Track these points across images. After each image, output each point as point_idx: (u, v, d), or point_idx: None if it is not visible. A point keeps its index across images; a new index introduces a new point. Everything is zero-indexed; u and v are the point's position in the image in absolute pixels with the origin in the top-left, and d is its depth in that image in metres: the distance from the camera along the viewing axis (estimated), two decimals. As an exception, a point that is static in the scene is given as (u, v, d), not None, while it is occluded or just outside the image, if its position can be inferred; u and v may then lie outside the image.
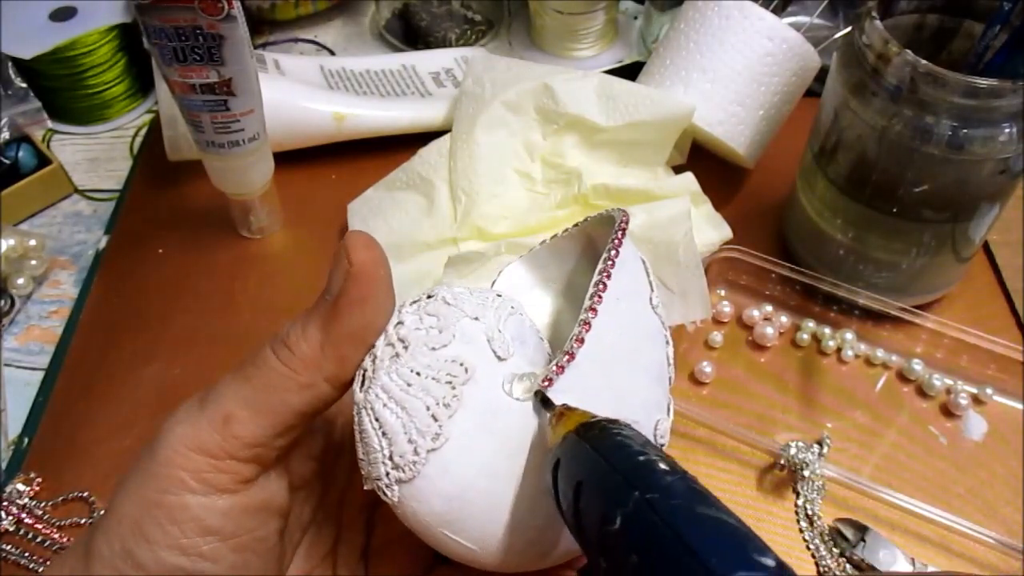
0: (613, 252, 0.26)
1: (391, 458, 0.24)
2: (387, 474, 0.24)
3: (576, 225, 0.30)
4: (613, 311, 0.26)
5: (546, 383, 0.25)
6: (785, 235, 0.53)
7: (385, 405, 0.24)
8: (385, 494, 0.24)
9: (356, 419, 0.25)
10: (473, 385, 0.25)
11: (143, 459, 0.24)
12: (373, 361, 0.25)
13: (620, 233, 0.27)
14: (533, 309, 0.30)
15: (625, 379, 0.27)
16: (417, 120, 0.59)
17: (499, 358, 0.26)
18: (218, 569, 0.24)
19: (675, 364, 0.29)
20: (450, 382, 0.24)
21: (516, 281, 0.31)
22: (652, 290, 0.28)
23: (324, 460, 0.29)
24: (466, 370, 0.25)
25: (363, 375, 0.25)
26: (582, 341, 0.25)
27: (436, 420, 0.24)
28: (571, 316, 0.31)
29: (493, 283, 0.31)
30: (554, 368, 0.25)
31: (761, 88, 0.51)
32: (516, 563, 0.26)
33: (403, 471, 0.24)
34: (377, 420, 0.24)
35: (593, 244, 0.30)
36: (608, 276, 0.26)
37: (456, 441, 0.24)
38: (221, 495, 0.24)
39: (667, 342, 0.29)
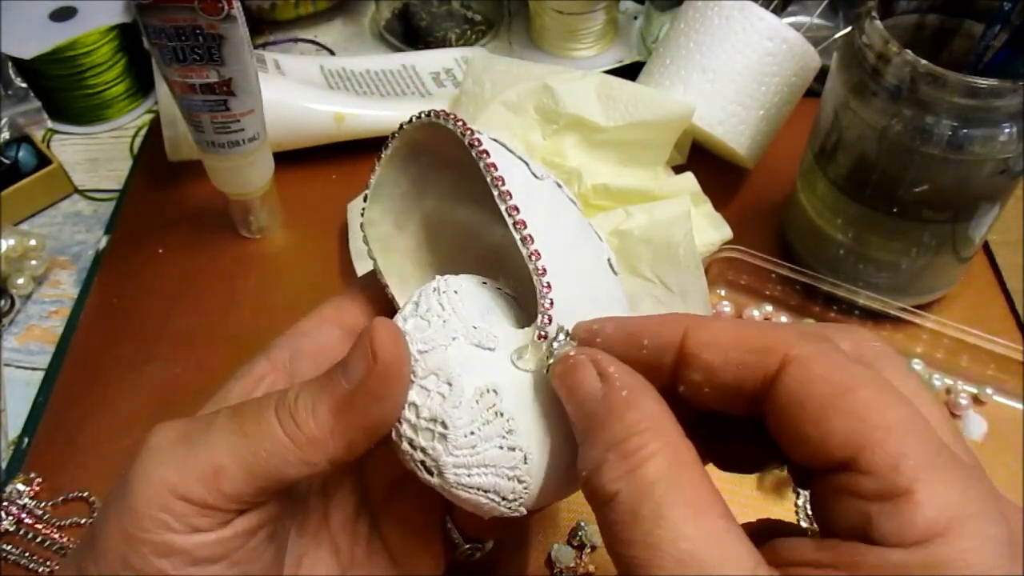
0: (490, 167, 0.26)
1: (504, 499, 0.25)
2: (508, 507, 0.25)
3: (386, 148, 0.29)
4: (536, 218, 0.26)
5: (542, 338, 0.25)
6: (785, 235, 0.53)
7: (470, 475, 0.25)
8: (516, 515, 0.26)
9: (447, 496, 0.25)
10: (506, 394, 0.25)
11: (125, 491, 0.24)
12: (423, 453, 0.25)
13: (476, 141, 0.27)
14: (420, 239, 0.31)
15: (574, 258, 0.28)
16: (417, 120, 0.59)
17: (491, 349, 0.26)
18: None
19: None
20: (495, 412, 0.25)
21: (385, 230, 0.31)
22: (526, 163, 0.28)
23: None
24: (494, 391, 0.25)
25: (422, 465, 0.25)
26: (546, 276, 0.25)
27: (514, 449, 0.24)
28: (458, 206, 0.31)
29: (376, 264, 0.30)
30: (544, 321, 0.25)
31: (761, 88, 0.51)
32: None
33: (520, 499, 0.25)
34: (472, 487, 0.25)
35: (419, 147, 0.29)
36: (502, 182, 0.26)
37: (536, 442, 0.25)
38: (206, 533, 0.24)
39: (559, 187, 0.29)
